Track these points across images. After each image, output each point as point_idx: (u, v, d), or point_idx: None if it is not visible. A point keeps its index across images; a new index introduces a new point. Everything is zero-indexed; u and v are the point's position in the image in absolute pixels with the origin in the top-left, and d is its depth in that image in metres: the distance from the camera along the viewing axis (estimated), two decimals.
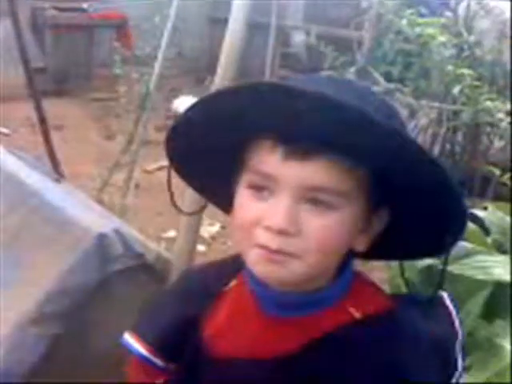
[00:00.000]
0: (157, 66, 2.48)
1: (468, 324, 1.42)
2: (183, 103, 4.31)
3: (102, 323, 1.55)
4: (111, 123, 4.30)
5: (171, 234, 2.86)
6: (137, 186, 3.03)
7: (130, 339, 0.92)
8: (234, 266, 0.89)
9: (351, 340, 0.82)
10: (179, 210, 0.93)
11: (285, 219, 0.73)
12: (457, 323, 0.87)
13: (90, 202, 2.00)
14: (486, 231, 1.93)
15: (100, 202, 2.33)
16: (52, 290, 1.49)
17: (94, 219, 1.64)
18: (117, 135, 4.18)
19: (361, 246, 0.81)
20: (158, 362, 0.90)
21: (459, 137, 2.66)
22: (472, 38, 2.62)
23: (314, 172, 0.73)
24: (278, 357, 0.82)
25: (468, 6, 3.45)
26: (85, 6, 5.55)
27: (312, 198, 0.74)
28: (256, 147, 0.77)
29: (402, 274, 0.93)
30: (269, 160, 0.75)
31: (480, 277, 1.33)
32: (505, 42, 3.07)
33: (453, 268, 1.43)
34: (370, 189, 0.77)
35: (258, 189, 0.76)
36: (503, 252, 1.83)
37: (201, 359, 0.87)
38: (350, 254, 0.83)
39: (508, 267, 1.36)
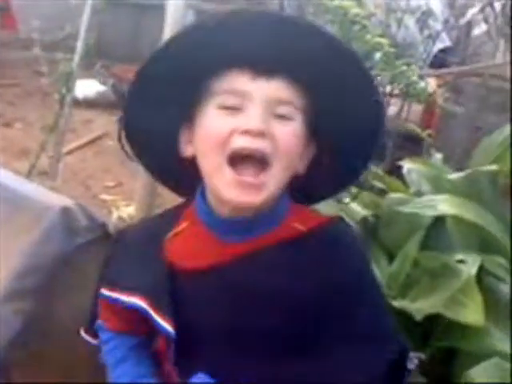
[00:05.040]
0: (79, 46, 2.46)
1: (412, 256, 1.62)
2: (80, 88, 4.18)
3: (71, 293, 1.57)
4: (4, 111, 4.12)
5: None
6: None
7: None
8: (175, 215, 1.04)
9: (299, 251, 0.96)
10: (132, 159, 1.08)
11: (261, 122, 0.90)
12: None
13: (30, 184, 1.97)
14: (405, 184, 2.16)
15: None
16: (21, 267, 1.49)
17: (52, 195, 1.64)
18: (14, 122, 4.03)
19: (300, 167, 0.98)
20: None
21: None
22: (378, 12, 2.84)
23: (277, 88, 0.91)
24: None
25: None
26: None
27: (275, 112, 0.91)
28: (224, 74, 0.92)
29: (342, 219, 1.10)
30: (240, 81, 0.91)
31: (430, 213, 1.53)
32: (392, 15, 3.38)
33: (403, 208, 1.62)
34: (310, 111, 0.95)
35: (228, 108, 0.91)
36: None
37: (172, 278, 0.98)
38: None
39: (449, 203, 1.57)
